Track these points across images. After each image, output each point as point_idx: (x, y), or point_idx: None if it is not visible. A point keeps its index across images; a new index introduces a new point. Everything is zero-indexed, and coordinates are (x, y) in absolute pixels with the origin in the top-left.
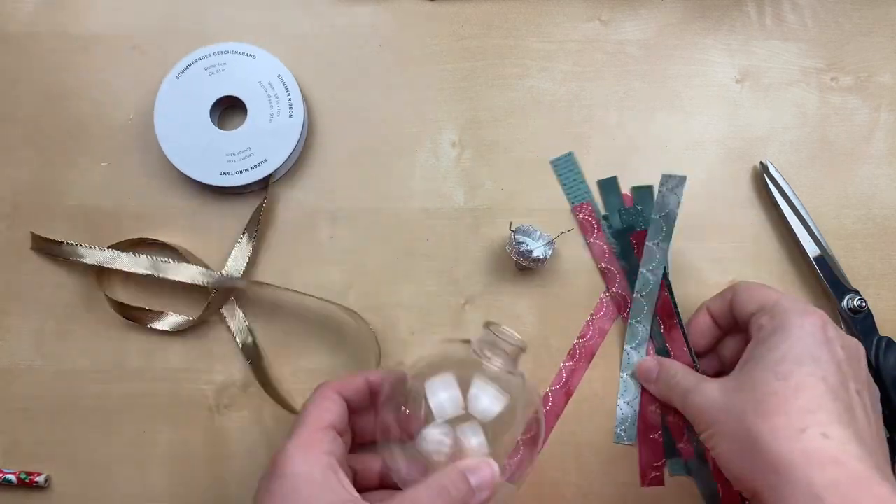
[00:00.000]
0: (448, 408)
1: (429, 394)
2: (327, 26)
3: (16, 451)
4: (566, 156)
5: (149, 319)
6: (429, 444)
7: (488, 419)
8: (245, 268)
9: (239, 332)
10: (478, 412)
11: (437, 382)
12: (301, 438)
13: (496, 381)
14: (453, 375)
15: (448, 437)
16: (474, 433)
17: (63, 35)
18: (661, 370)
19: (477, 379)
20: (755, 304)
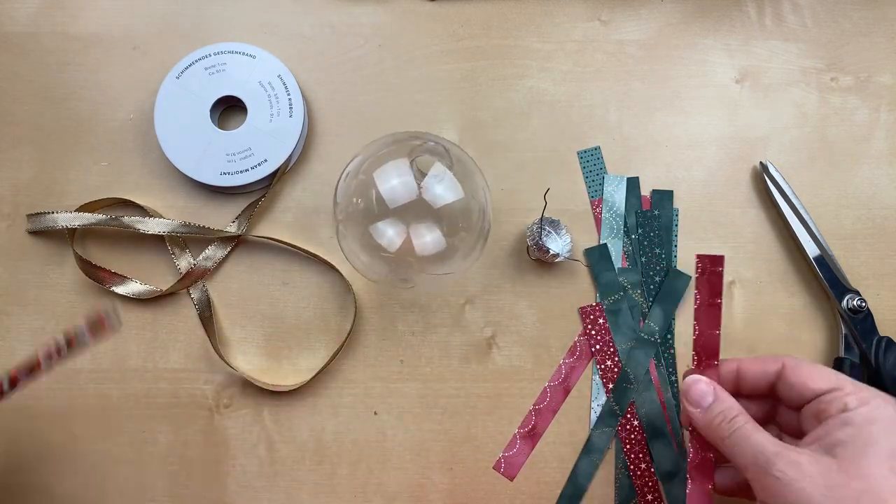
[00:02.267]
0: (400, 193)
1: (379, 181)
2: (327, 26)
3: (16, 451)
4: (593, 149)
5: (112, 282)
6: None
7: (442, 205)
8: (226, 255)
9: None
10: (432, 198)
11: (388, 168)
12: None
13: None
14: (406, 160)
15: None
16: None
17: (63, 35)
18: (716, 402)
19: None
20: (825, 384)
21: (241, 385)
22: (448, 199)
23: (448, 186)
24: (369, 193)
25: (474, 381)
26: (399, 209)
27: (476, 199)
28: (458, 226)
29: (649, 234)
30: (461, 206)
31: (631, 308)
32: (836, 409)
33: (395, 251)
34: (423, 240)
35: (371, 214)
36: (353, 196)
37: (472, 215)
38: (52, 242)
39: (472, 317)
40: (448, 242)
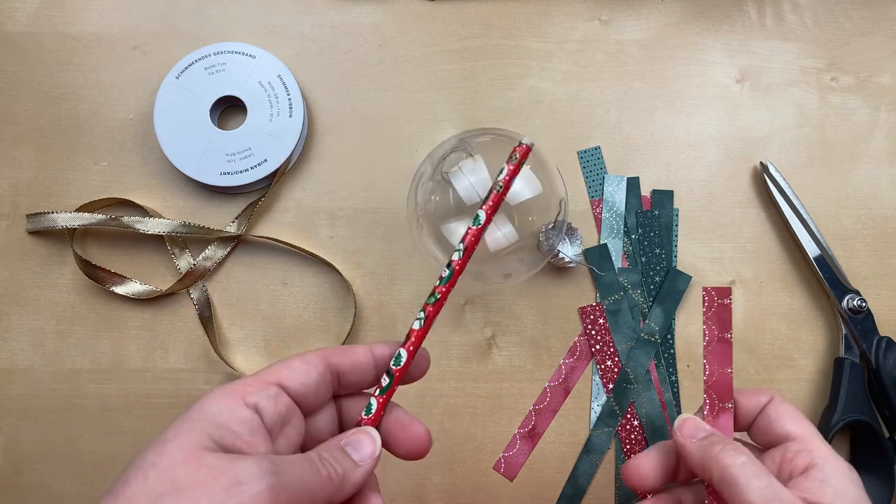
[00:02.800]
0: (476, 191)
1: (454, 180)
2: (327, 26)
3: (16, 451)
4: (593, 149)
5: (112, 282)
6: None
7: (518, 202)
8: (226, 255)
9: (198, 302)
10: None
11: (465, 166)
12: (235, 387)
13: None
14: (481, 159)
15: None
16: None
17: (63, 35)
18: (713, 436)
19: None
20: (798, 429)
21: None
22: (525, 195)
23: (525, 182)
24: (446, 191)
25: (474, 381)
26: (474, 207)
27: (554, 192)
28: (532, 219)
29: (649, 234)
30: (540, 200)
31: (631, 308)
32: (804, 462)
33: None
34: (494, 235)
35: (448, 212)
36: (431, 194)
37: (551, 209)
38: (52, 242)
39: (472, 317)
40: (524, 235)
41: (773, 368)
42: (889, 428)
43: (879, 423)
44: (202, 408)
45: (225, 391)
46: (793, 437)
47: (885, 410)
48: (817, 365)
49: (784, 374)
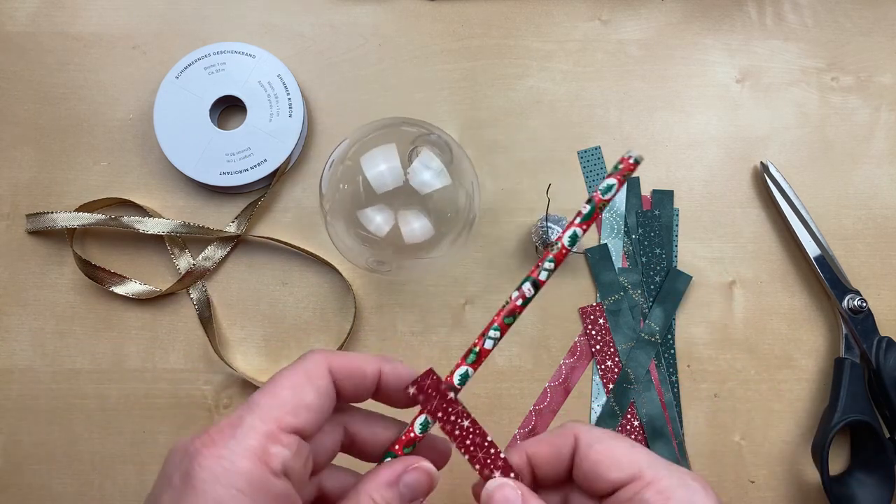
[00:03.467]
0: (387, 179)
1: (366, 166)
2: (327, 26)
3: (16, 451)
4: (593, 149)
5: (111, 282)
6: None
7: (428, 192)
8: (226, 255)
9: (198, 302)
10: (419, 184)
11: (376, 153)
12: (251, 442)
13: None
14: (394, 146)
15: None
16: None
17: (63, 35)
18: None
19: (421, 153)
20: (620, 472)
21: (241, 385)
22: (436, 186)
23: (436, 173)
24: (356, 179)
25: (474, 381)
26: (386, 195)
27: (463, 185)
28: (446, 213)
29: (650, 234)
30: (449, 193)
31: (631, 308)
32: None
33: (383, 237)
34: (410, 226)
35: (358, 200)
36: (340, 182)
37: (459, 202)
38: (52, 242)
39: (472, 317)
40: (435, 229)
41: (773, 368)
42: (889, 428)
43: (880, 424)
44: (207, 488)
45: (238, 452)
46: (619, 485)
47: (885, 411)
48: (817, 365)
49: (784, 374)
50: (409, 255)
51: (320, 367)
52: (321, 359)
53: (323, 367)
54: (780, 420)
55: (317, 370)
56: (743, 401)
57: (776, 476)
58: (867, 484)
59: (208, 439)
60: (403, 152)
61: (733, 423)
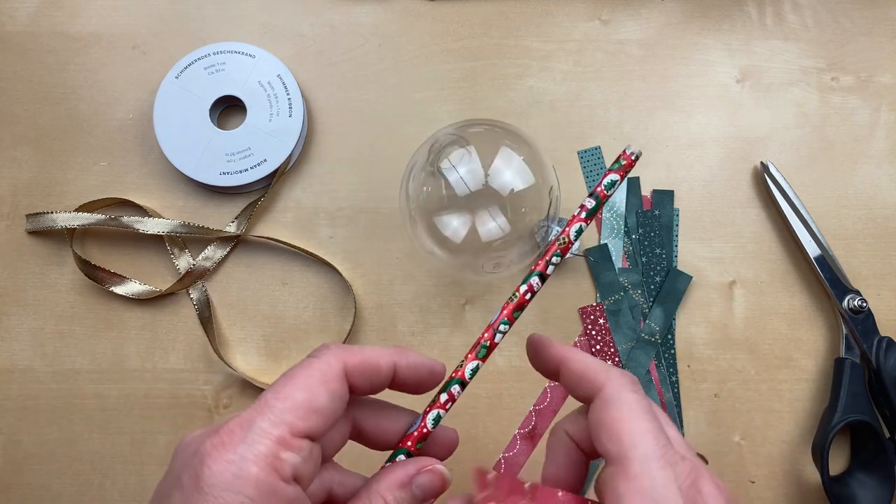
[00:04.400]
0: (468, 182)
1: (445, 169)
2: (327, 26)
3: (16, 451)
4: (593, 149)
5: (111, 282)
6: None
7: (510, 193)
8: (226, 255)
9: (198, 302)
10: (499, 185)
11: (455, 156)
12: (260, 448)
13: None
14: (472, 148)
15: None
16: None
17: (63, 35)
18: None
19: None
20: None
21: (241, 385)
22: (519, 186)
23: (516, 171)
24: (438, 183)
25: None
26: (467, 198)
27: (546, 181)
28: (524, 210)
29: (650, 234)
30: (532, 192)
31: (631, 308)
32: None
33: (461, 240)
34: (487, 225)
35: (441, 204)
36: (423, 186)
37: (542, 199)
38: (52, 242)
39: (472, 317)
40: (516, 227)
41: (773, 368)
42: (889, 428)
43: (880, 424)
44: (217, 493)
45: (249, 458)
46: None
47: (885, 410)
48: (818, 365)
49: (784, 374)
50: (519, 250)
51: (335, 367)
52: (337, 359)
53: (338, 367)
54: (780, 420)
55: (331, 371)
56: (743, 401)
57: (776, 476)
58: (867, 484)
59: (218, 441)
60: (485, 154)
61: (733, 423)
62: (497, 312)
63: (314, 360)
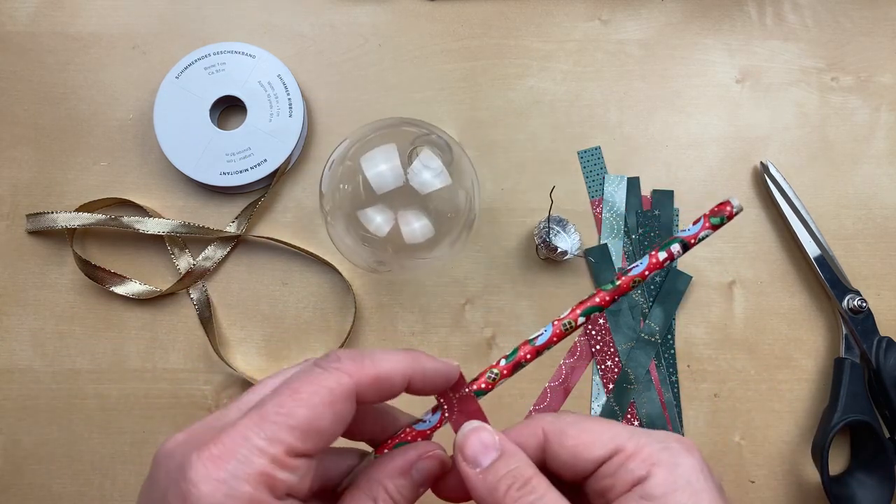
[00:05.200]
0: (388, 179)
1: (366, 166)
2: (327, 26)
3: (16, 451)
4: (593, 149)
5: (111, 282)
6: (369, 224)
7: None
8: (226, 255)
9: (198, 302)
10: (419, 184)
11: (376, 153)
12: (255, 466)
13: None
14: (394, 146)
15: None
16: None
17: (63, 35)
18: (502, 458)
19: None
20: (601, 449)
21: (241, 385)
22: (436, 186)
23: (436, 173)
24: (357, 179)
25: None
26: (386, 195)
27: (463, 186)
28: (446, 213)
29: (650, 234)
30: (449, 193)
31: (631, 308)
32: (624, 483)
33: (383, 237)
34: (410, 227)
35: (359, 200)
36: (340, 182)
37: (460, 202)
38: (52, 242)
39: (472, 317)
40: (435, 229)
41: (773, 368)
42: (889, 428)
43: (880, 424)
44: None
45: (241, 476)
46: (600, 462)
47: (885, 411)
48: (817, 365)
49: (784, 374)
50: (409, 255)
51: (345, 386)
52: (349, 377)
53: (348, 387)
54: (780, 420)
55: (341, 390)
56: (743, 401)
57: (776, 476)
58: (867, 484)
59: (207, 456)
60: (403, 152)
61: (733, 423)
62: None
63: (323, 375)
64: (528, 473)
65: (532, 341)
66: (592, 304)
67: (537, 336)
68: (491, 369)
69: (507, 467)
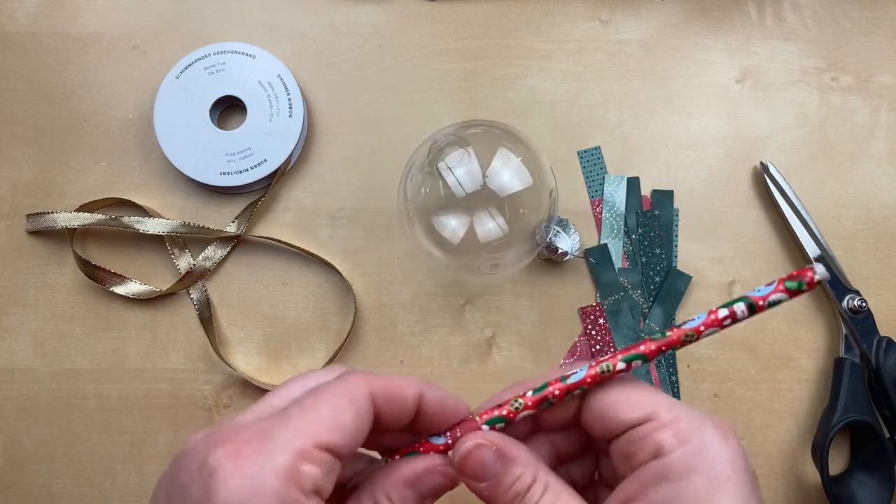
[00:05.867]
0: (466, 182)
1: (443, 170)
2: (327, 26)
3: (16, 451)
4: (593, 149)
5: (112, 282)
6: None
7: (508, 194)
8: (226, 255)
9: (198, 302)
10: (498, 186)
11: (453, 157)
12: (280, 460)
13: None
14: (470, 149)
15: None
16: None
17: (63, 35)
18: (505, 467)
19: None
20: (636, 412)
21: (241, 385)
22: (516, 188)
23: (514, 172)
24: (436, 184)
25: (474, 382)
26: (465, 199)
27: (545, 183)
28: (522, 212)
29: (649, 234)
30: (529, 192)
31: (631, 308)
32: (648, 452)
33: (459, 240)
34: (485, 227)
35: (439, 205)
36: (421, 187)
37: (541, 201)
38: (52, 242)
39: (472, 317)
40: (514, 228)
41: (773, 368)
42: (889, 428)
43: (880, 424)
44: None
45: (268, 470)
46: (632, 424)
47: (885, 411)
48: (817, 365)
49: (784, 374)
50: (517, 252)
51: (361, 389)
52: (362, 381)
53: (364, 389)
54: (780, 420)
55: (358, 391)
56: (743, 401)
57: (776, 476)
58: (867, 484)
59: (233, 451)
60: (480, 155)
61: (733, 422)
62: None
63: (339, 381)
64: (531, 475)
65: (564, 379)
66: (637, 351)
67: (571, 374)
68: (517, 398)
69: (512, 475)
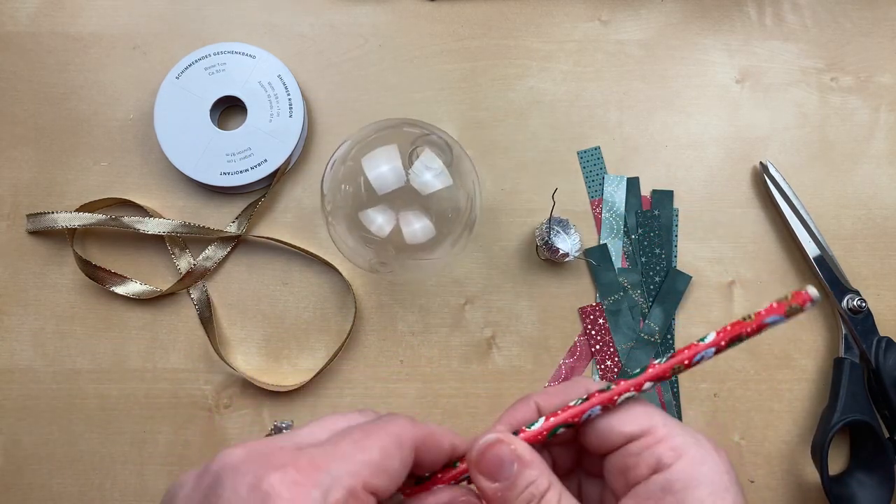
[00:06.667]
0: (389, 180)
1: (367, 167)
2: (327, 26)
3: (16, 451)
4: (593, 149)
5: (112, 282)
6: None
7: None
8: (226, 255)
9: (198, 302)
10: (420, 185)
11: (377, 154)
12: (336, 495)
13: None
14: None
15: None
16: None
17: (63, 35)
18: (521, 472)
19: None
20: (633, 426)
21: (241, 385)
22: (437, 187)
23: (437, 174)
24: (358, 180)
25: (474, 382)
26: (388, 196)
27: (465, 186)
28: (447, 214)
29: (649, 234)
30: (450, 193)
31: (631, 308)
32: (648, 466)
33: (385, 238)
34: (412, 227)
35: (360, 201)
36: (342, 183)
37: (461, 203)
38: (52, 242)
39: (472, 317)
40: (436, 230)
41: (773, 368)
42: (889, 428)
43: (879, 424)
44: None
45: (322, 502)
46: (629, 438)
47: (885, 410)
48: (817, 365)
49: (784, 374)
50: (410, 256)
51: (409, 435)
52: (410, 429)
53: (411, 436)
54: (780, 420)
55: (406, 437)
56: (743, 401)
57: (776, 476)
58: (867, 484)
59: (290, 479)
60: (405, 153)
61: (733, 422)
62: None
63: (389, 423)
64: (544, 486)
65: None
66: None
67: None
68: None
69: (525, 481)
